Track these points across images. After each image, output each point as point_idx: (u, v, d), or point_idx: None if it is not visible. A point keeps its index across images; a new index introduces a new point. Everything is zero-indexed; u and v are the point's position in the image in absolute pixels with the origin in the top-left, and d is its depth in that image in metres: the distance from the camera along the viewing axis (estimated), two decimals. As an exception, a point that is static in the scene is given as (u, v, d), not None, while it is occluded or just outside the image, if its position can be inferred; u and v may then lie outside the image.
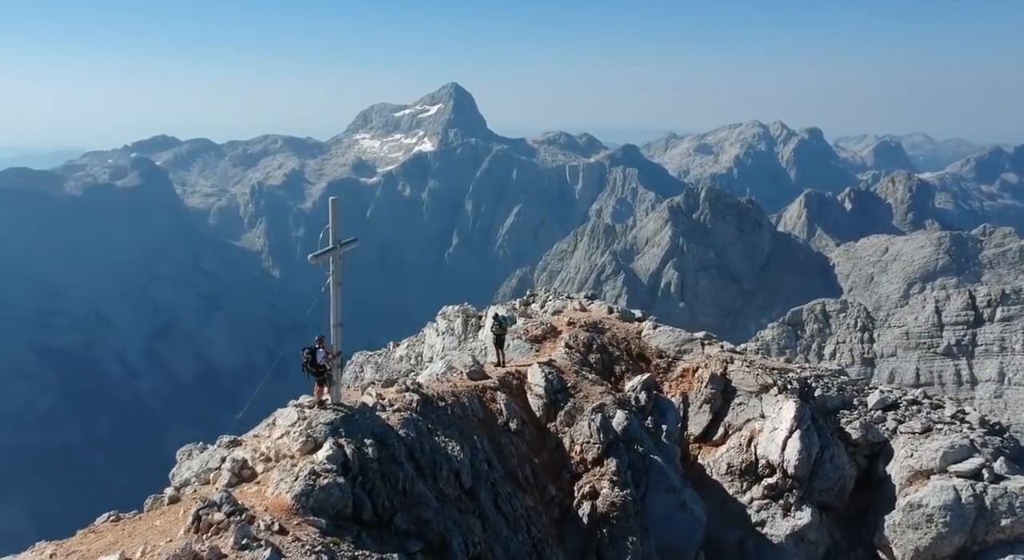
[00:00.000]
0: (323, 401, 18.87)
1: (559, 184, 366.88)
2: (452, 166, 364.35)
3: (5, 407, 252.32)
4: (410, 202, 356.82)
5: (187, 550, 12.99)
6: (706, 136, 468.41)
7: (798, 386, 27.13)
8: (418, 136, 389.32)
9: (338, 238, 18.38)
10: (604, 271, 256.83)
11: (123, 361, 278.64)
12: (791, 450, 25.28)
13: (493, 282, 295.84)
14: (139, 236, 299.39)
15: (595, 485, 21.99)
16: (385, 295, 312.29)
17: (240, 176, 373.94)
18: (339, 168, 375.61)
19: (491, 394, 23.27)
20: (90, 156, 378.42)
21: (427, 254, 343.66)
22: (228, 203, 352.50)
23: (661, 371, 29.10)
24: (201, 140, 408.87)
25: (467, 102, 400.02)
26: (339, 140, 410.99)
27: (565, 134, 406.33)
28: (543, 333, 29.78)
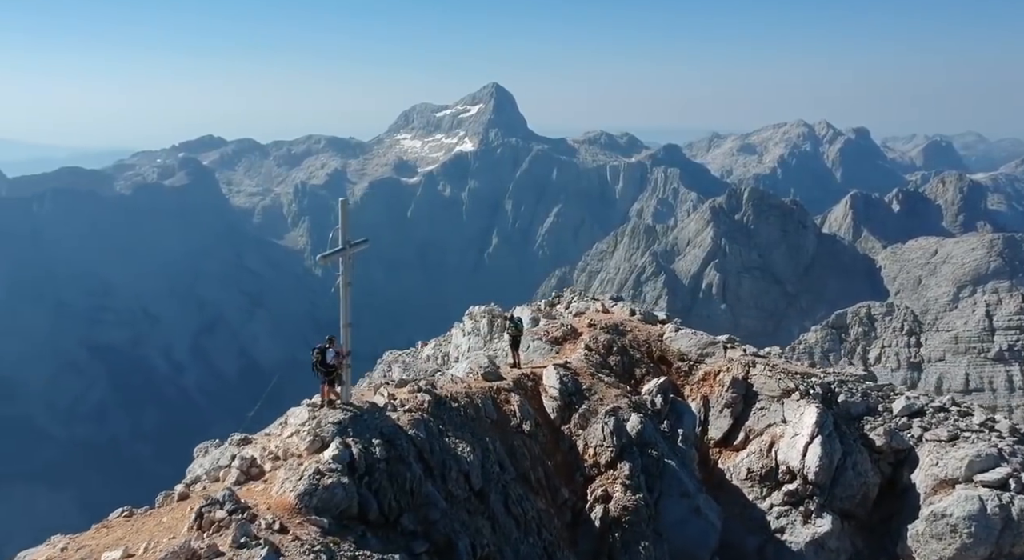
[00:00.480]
0: (332, 401, 19.02)
1: (599, 184, 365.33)
2: (492, 166, 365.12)
3: (57, 401, 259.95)
4: (450, 202, 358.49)
5: (186, 547, 13.16)
6: (750, 136, 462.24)
7: (821, 391, 26.66)
8: (459, 136, 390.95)
9: (347, 239, 18.57)
10: (644, 272, 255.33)
11: (169, 357, 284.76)
12: (812, 456, 24.88)
13: (532, 282, 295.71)
14: (186, 235, 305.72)
15: (608, 488, 21.88)
16: (425, 294, 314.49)
17: (284, 176, 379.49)
18: (380, 168, 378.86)
19: (505, 396, 23.26)
20: (139, 156, 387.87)
21: (467, 254, 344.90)
22: (272, 202, 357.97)
23: (682, 374, 28.85)
24: (246, 140, 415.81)
25: (508, 102, 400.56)
26: (381, 140, 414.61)
27: (606, 134, 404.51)
28: (563, 335, 29.71)
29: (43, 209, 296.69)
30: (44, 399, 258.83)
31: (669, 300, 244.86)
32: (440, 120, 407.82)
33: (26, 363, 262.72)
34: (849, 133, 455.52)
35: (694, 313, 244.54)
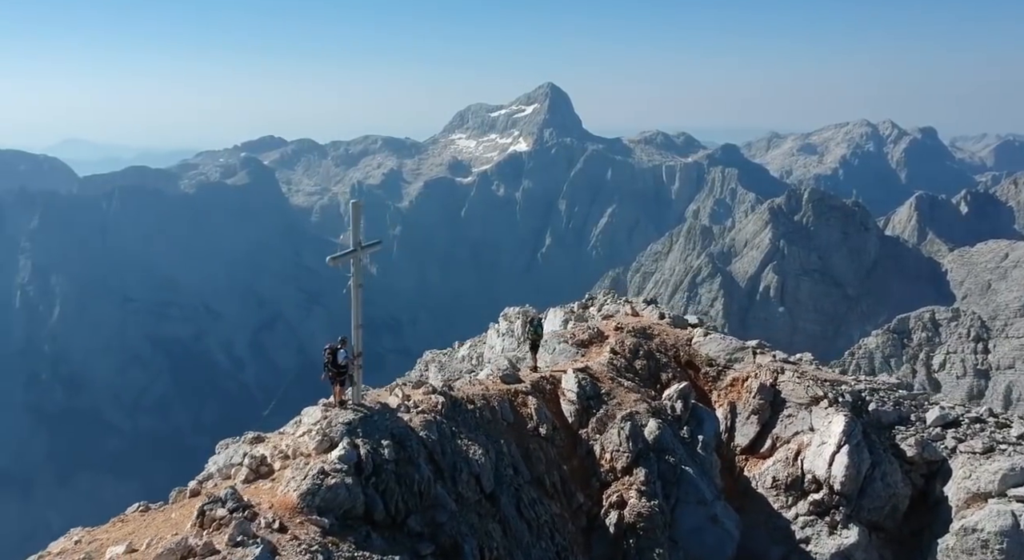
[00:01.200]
0: (344, 401, 19.25)
1: (655, 184, 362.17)
2: (546, 166, 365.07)
3: (123, 394, 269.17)
4: (504, 202, 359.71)
5: (182, 544, 13.43)
6: (810, 136, 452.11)
7: (850, 399, 26.02)
8: (513, 136, 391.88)
9: (359, 240, 18.74)
10: (700, 273, 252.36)
11: (230, 352, 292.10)
12: (838, 465, 24.32)
13: (585, 282, 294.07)
14: (246, 233, 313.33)
15: (623, 494, 21.72)
16: (478, 294, 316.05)
17: (341, 175, 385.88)
18: (435, 168, 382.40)
19: (523, 398, 23.26)
20: (203, 156, 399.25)
21: (520, 254, 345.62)
22: (329, 202, 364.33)
23: (710, 380, 28.47)
24: (306, 140, 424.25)
25: (563, 102, 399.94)
26: (436, 140, 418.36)
27: (662, 133, 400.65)
28: (590, 338, 29.58)
29: (111, 207, 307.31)
30: (111, 391, 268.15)
31: (725, 302, 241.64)
32: (495, 120, 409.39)
33: (94, 356, 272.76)
34: (915, 133, 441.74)
35: (751, 316, 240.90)
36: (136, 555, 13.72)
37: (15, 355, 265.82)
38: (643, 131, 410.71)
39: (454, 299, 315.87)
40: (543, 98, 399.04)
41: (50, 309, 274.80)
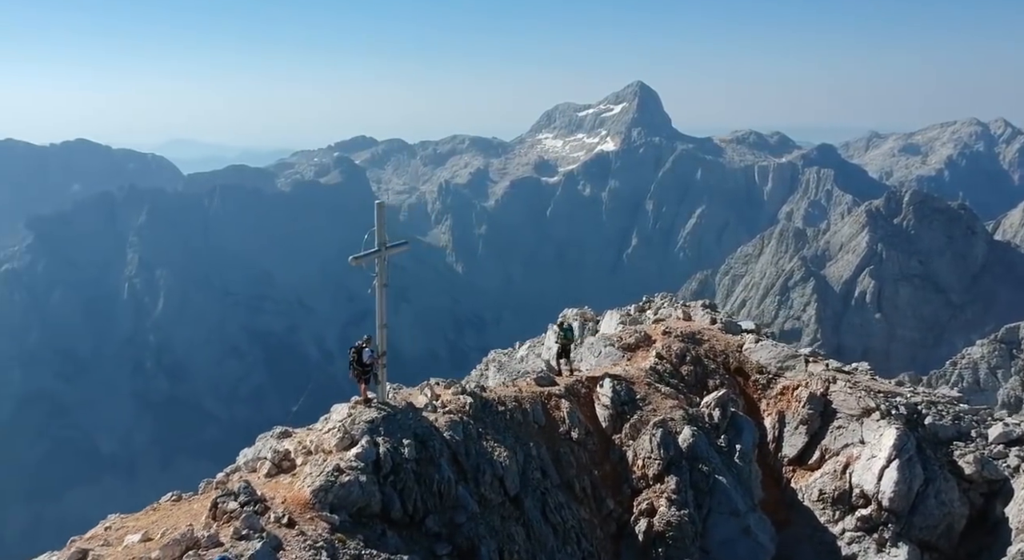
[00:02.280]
0: (369, 399, 19.60)
1: (746, 185, 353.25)
2: (634, 165, 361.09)
3: (220, 384, 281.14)
4: (590, 201, 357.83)
5: (188, 536, 13.88)
6: (914, 135, 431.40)
7: (905, 412, 24.91)
8: (600, 135, 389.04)
9: (384, 241, 19.01)
10: (792, 277, 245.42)
11: (321, 345, 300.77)
12: (887, 481, 23.34)
13: (672, 284, 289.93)
14: (338, 230, 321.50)
15: (653, 502, 21.40)
16: (562, 293, 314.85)
17: (429, 175, 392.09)
18: (521, 167, 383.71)
19: (556, 401, 23.12)
20: (299, 155, 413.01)
21: (605, 254, 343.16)
22: (417, 200, 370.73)
23: (759, 388, 27.73)
24: (395, 140, 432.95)
25: (652, 101, 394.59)
26: (523, 140, 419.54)
27: (755, 133, 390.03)
28: (636, 341, 29.21)
29: (213, 204, 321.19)
30: (210, 381, 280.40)
31: (818, 307, 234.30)
32: (582, 119, 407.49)
33: (195, 347, 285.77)
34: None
35: (845, 321, 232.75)
36: (150, 544, 14.21)
37: (123, 344, 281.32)
38: (735, 130, 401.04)
39: (538, 298, 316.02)
40: (632, 97, 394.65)
41: (155, 301, 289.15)
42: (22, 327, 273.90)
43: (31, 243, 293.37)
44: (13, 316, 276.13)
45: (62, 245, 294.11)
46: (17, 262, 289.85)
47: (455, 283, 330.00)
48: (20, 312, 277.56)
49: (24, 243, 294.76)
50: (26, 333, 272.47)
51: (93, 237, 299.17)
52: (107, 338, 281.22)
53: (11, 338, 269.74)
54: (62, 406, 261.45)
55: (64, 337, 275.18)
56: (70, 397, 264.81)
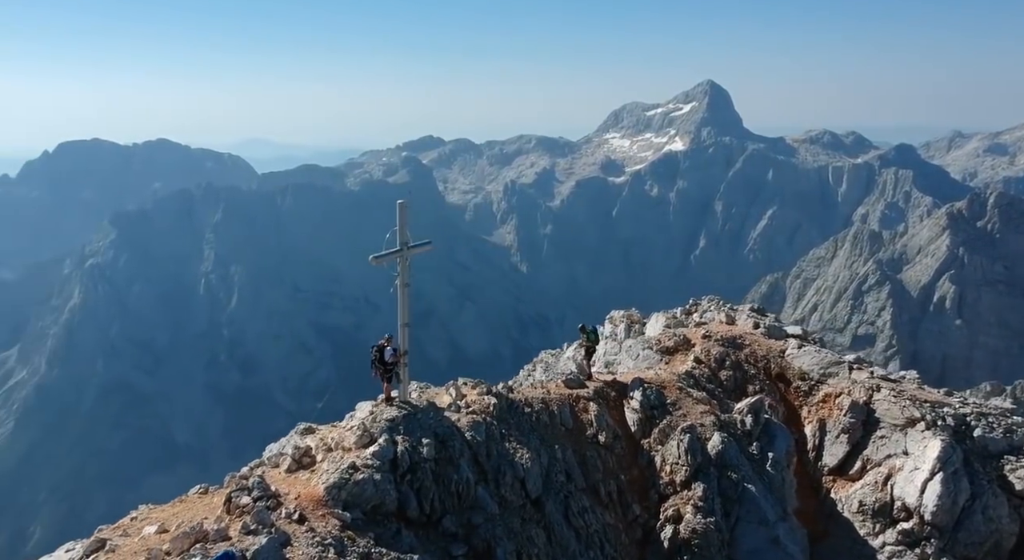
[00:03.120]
0: (391, 398, 19.75)
1: (820, 186, 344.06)
2: (703, 165, 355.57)
3: (289, 377, 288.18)
4: (657, 202, 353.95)
5: (197, 529, 14.20)
6: (1000, 135, 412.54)
7: (952, 423, 23.86)
8: (669, 135, 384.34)
9: (405, 240, 19.10)
10: (866, 281, 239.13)
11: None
12: (930, 494, 22.42)
13: (741, 287, 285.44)
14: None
15: (680, 509, 21.02)
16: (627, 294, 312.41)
17: (495, 174, 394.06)
18: (587, 167, 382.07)
19: (584, 404, 22.94)
20: (368, 155, 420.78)
21: (672, 255, 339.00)
22: (483, 200, 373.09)
23: (801, 394, 26.95)
24: (462, 140, 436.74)
25: (722, 100, 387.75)
26: (589, 139, 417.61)
27: (829, 132, 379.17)
28: (675, 345, 28.73)
29: (285, 202, 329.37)
30: (279, 374, 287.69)
31: (894, 313, 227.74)
32: (650, 119, 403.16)
33: (266, 342, 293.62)
34: None
35: (922, 328, 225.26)
36: (164, 536, 14.56)
37: (198, 337, 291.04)
38: (809, 130, 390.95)
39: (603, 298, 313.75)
40: (702, 96, 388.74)
41: (229, 296, 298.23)
42: (105, 319, 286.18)
43: (114, 239, 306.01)
44: (97, 308, 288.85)
45: (143, 241, 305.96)
46: (101, 257, 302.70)
47: (519, 283, 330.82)
48: (103, 305, 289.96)
49: (108, 239, 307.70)
50: (108, 325, 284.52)
51: (172, 233, 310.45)
52: (183, 331, 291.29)
53: (95, 330, 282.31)
54: (141, 396, 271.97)
55: (143, 329, 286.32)
56: (148, 388, 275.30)
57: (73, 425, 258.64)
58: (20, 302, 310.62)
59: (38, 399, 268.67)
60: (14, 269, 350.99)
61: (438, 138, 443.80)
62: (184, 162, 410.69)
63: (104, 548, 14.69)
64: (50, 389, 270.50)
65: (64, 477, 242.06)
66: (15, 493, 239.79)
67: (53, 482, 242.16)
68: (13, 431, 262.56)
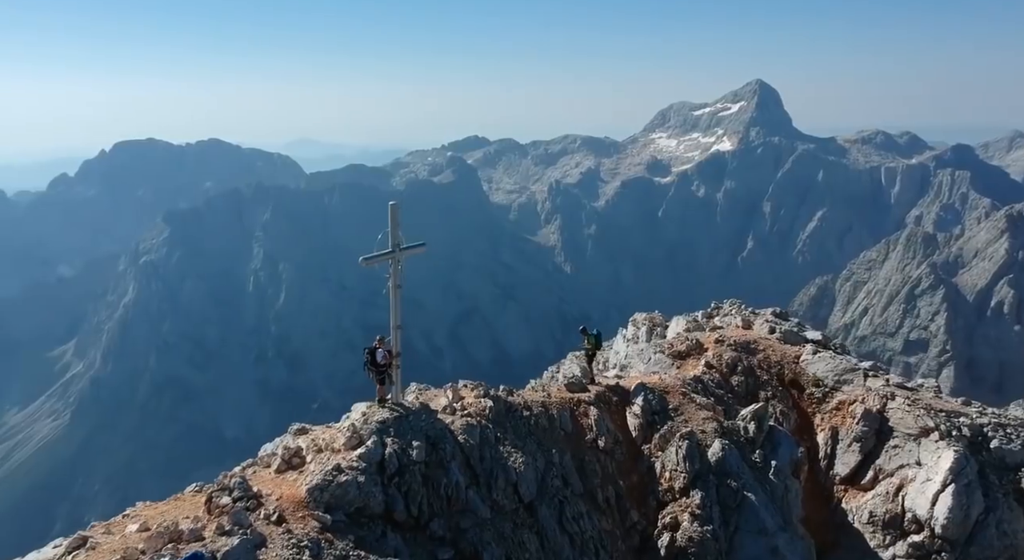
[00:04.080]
0: (384, 400, 19.79)
1: (872, 187, 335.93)
2: (751, 166, 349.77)
3: (335, 374, 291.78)
4: (704, 202, 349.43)
5: (172, 528, 14.25)
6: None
7: (968, 434, 23.21)
8: (716, 135, 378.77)
9: (397, 242, 19.07)
10: (919, 284, 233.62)
11: (430, 341, 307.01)
12: (941, 506, 21.85)
13: (789, 290, 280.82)
14: (449, 228, 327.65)
15: (678, 516, 20.71)
16: (672, 296, 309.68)
17: (540, 174, 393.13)
18: (633, 167, 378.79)
19: (584, 408, 22.73)
20: (413, 155, 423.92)
21: (718, 256, 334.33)
22: (528, 200, 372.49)
23: (814, 401, 26.44)
24: (507, 140, 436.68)
25: (772, 99, 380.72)
26: (635, 139, 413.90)
27: (883, 132, 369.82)
28: (688, 349, 28.39)
29: (332, 201, 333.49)
30: (325, 372, 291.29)
31: (948, 317, 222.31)
32: (698, 119, 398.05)
33: (313, 339, 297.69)
34: None
35: (978, 333, 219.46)
36: (144, 534, 14.62)
37: (247, 334, 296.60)
38: (861, 130, 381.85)
39: (647, 299, 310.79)
40: (751, 95, 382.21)
41: (277, 294, 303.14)
42: (158, 315, 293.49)
43: (167, 236, 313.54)
44: (150, 305, 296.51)
45: (195, 238, 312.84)
46: (155, 254, 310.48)
47: (563, 283, 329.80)
48: (156, 301, 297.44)
49: (161, 236, 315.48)
50: (161, 321, 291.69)
51: (223, 231, 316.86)
52: (233, 328, 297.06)
53: (148, 326, 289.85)
54: (191, 391, 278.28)
55: (194, 325, 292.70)
56: (198, 383, 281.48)
57: (127, 418, 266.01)
58: (77, 298, 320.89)
59: (93, 392, 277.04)
60: (72, 265, 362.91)
61: (483, 138, 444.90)
62: (235, 162, 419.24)
63: (85, 545, 14.80)
64: (105, 383, 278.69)
65: (117, 469, 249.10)
66: (71, 483, 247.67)
67: (107, 473, 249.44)
68: (70, 423, 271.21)
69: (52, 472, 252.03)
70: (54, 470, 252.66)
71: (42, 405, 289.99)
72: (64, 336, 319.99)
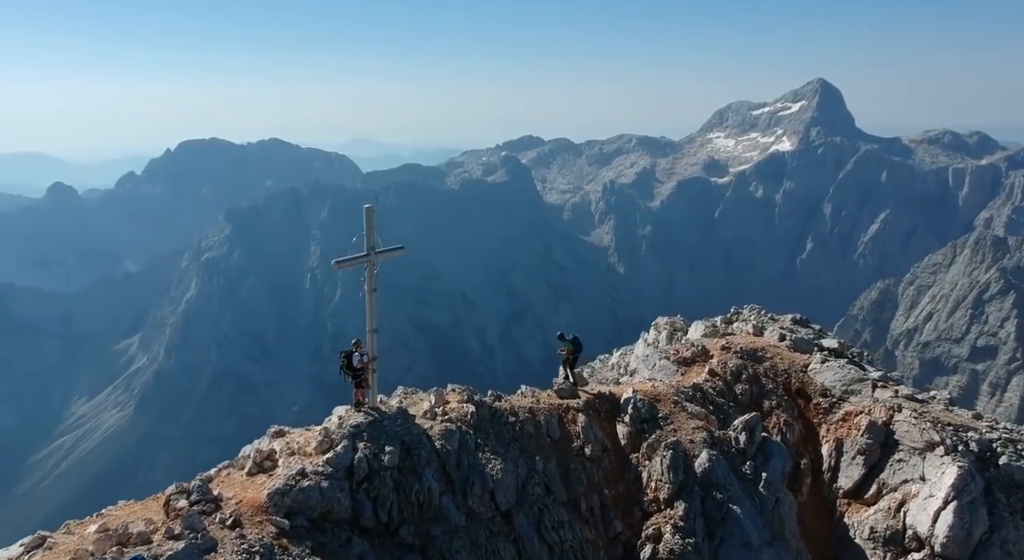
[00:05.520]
0: (360, 403, 19.81)
1: (938, 188, 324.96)
2: (811, 166, 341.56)
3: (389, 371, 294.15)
4: (762, 203, 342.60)
5: (120, 531, 14.28)
6: None
7: (976, 449, 22.23)
8: (776, 135, 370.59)
9: (372, 245, 18.99)
10: (988, 290, 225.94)
11: (482, 340, 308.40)
12: (942, 524, 21.01)
13: (849, 293, 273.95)
14: (503, 228, 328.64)
15: (661, 527, 20.18)
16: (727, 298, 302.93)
17: (594, 174, 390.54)
18: (690, 167, 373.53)
19: (573, 415, 22.36)
20: (468, 154, 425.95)
21: (776, 258, 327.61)
22: (581, 200, 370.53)
23: (821, 412, 25.65)
24: (562, 140, 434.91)
25: (834, 98, 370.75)
26: (692, 139, 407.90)
27: (951, 132, 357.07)
28: (693, 355, 27.81)
29: (388, 200, 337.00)
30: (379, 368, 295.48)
31: (1019, 324, 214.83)
32: (757, 118, 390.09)
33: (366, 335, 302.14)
34: None
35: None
36: (102, 535, 14.61)
37: (304, 330, 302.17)
38: (927, 130, 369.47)
39: (702, 301, 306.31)
40: (812, 95, 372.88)
41: (333, 291, 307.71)
42: (219, 311, 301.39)
43: (228, 234, 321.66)
44: (212, 300, 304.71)
45: (254, 236, 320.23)
46: (216, 251, 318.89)
47: (616, 283, 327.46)
48: (218, 297, 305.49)
49: (223, 234, 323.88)
50: (222, 316, 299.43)
51: (281, 229, 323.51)
52: (290, 323, 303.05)
53: (209, 321, 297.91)
54: (249, 385, 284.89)
55: (253, 321, 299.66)
56: (257, 377, 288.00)
57: (187, 411, 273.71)
58: (142, 293, 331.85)
59: (156, 385, 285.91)
60: (138, 261, 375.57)
61: (537, 138, 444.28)
62: (294, 161, 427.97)
63: (42, 546, 14.91)
64: (167, 375, 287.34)
65: (178, 460, 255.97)
66: (134, 472, 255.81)
67: (168, 463, 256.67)
68: (134, 414, 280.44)
69: (116, 461, 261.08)
70: (118, 459, 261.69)
71: (108, 396, 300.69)
72: (129, 330, 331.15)
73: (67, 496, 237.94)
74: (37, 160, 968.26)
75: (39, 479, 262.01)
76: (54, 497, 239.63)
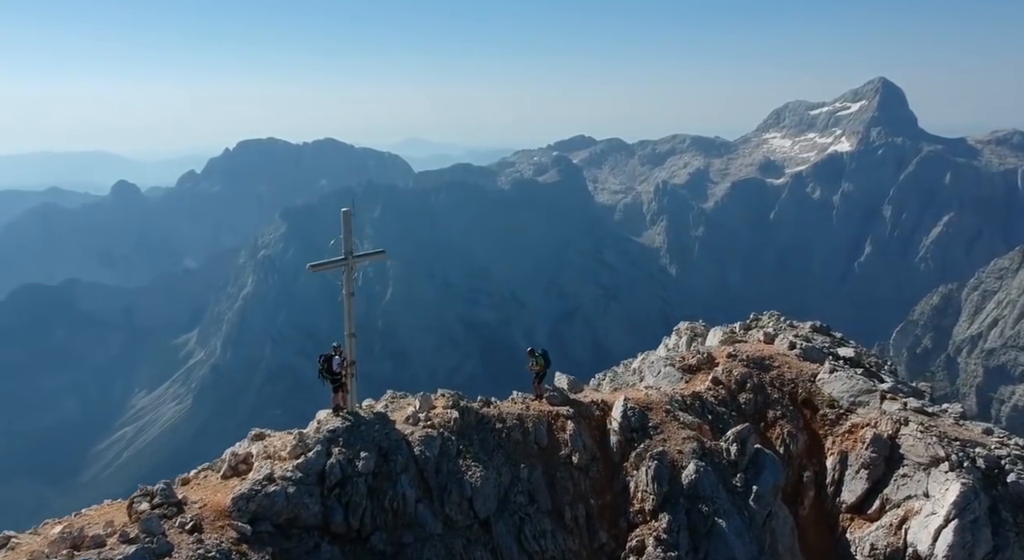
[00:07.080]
0: (338, 408, 19.85)
1: (1006, 190, 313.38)
2: (871, 167, 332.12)
3: (438, 369, 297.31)
4: (819, 205, 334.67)
5: (75, 534, 14.27)
6: None
7: (983, 465, 21.32)
8: (834, 135, 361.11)
9: (350, 249, 18.98)
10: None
11: (531, 339, 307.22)
12: (942, 543, 20.22)
13: (910, 298, 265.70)
14: (553, 228, 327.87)
15: (644, 540, 19.77)
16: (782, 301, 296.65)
17: (647, 175, 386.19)
18: (744, 168, 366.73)
19: (562, 423, 22.04)
20: (519, 154, 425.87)
21: (833, 262, 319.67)
22: (633, 200, 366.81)
23: (828, 423, 24.90)
24: (614, 140, 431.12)
25: (895, 98, 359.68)
26: (747, 139, 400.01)
27: (1020, 132, 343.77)
28: (698, 363, 27.26)
29: (439, 199, 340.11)
30: (428, 367, 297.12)
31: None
32: (815, 118, 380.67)
33: (417, 334, 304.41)
34: None
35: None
36: (57, 538, 14.53)
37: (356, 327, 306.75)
38: (995, 130, 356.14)
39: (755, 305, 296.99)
40: (872, 94, 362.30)
41: (384, 290, 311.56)
42: (274, 307, 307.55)
43: (284, 231, 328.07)
44: (267, 297, 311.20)
45: (309, 234, 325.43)
46: (272, 249, 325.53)
47: (667, 285, 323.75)
48: (273, 294, 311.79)
49: (279, 231, 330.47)
50: (276, 313, 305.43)
51: (336, 228, 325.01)
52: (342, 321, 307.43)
53: (265, 317, 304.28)
54: (302, 381, 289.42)
55: (307, 318, 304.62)
56: (309, 373, 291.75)
57: (243, 405, 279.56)
58: (201, 288, 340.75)
59: (213, 379, 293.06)
60: (196, 258, 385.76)
61: (589, 138, 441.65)
62: (348, 161, 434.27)
63: (6, 546, 15.01)
64: (224, 370, 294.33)
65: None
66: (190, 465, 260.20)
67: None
68: (191, 407, 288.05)
69: (174, 454, 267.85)
70: (176, 452, 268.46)
71: (167, 389, 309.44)
72: (188, 325, 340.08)
73: (127, 486, 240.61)
74: (102, 159, 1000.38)
75: (101, 468, 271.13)
76: (114, 486, 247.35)
